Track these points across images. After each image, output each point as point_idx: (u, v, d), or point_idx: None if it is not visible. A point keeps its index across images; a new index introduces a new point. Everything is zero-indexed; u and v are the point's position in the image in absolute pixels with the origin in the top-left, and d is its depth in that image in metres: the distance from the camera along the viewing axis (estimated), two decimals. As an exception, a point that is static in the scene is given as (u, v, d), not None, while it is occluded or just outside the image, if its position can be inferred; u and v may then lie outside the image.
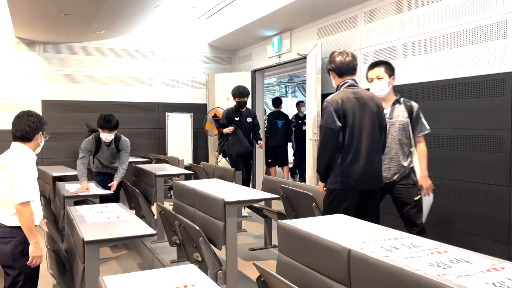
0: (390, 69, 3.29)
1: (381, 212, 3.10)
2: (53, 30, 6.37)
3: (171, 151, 7.86)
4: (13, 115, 2.72)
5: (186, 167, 6.59)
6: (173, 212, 3.34)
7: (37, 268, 2.62)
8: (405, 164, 3.21)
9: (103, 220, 2.93)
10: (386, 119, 3.12)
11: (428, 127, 3.26)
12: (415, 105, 3.26)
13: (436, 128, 3.77)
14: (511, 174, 3.60)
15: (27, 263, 2.53)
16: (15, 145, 2.64)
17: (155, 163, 6.74)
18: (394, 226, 2.24)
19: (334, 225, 2.26)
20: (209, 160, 8.20)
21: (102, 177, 4.95)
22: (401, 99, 3.27)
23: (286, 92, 17.02)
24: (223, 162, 7.70)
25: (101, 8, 5.18)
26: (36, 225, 2.60)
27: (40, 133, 2.70)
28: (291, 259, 2.15)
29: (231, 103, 6.03)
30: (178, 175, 5.34)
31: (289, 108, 15.81)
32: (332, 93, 3.05)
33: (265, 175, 4.58)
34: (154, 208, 4.60)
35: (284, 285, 1.75)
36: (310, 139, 5.63)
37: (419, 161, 3.22)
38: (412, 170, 3.23)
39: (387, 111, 3.20)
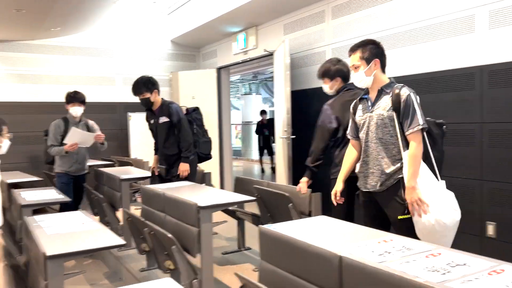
0: (367, 52, 2.58)
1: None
2: (4, 26, 5.95)
3: (135, 153, 7.55)
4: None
5: (152, 169, 6.32)
6: (142, 219, 3.14)
7: None
8: (388, 170, 2.53)
9: (66, 230, 2.69)
10: (366, 112, 2.63)
11: (421, 121, 2.42)
12: (404, 93, 2.47)
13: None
14: (482, 166, 3.63)
15: None
16: None
17: (119, 166, 6.44)
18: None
19: (318, 228, 2.15)
20: (175, 161, 7.94)
21: (66, 180, 4.49)
22: (391, 87, 2.57)
23: (250, 89, 16.92)
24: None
25: (55, 3, 4.86)
26: None
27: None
28: (275, 267, 2.02)
29: (197, 101, 5.73)
30: (143, 178, 5.09)
31: (253, 105, 15.75)
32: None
33: (237, 176, 4.43)
34: (118, 214, 4.36)
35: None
36: (280, 137, 5.50)
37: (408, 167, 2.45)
38: (402, 179, 2.50)
39: (370, 102, 2.65)
